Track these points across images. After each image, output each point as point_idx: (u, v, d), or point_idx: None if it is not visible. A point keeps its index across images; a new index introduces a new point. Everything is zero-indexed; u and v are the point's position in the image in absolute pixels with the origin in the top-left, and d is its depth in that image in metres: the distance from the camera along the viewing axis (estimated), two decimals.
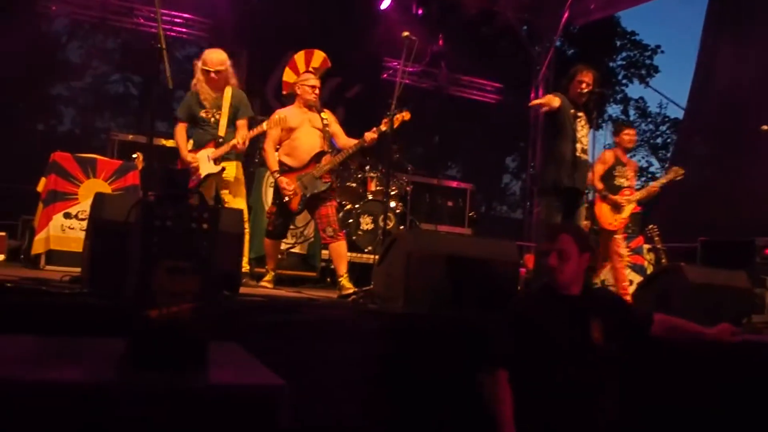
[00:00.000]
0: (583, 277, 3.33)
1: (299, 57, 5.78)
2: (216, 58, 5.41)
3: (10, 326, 2.85)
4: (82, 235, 4.71)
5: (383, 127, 5.44)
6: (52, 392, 2.07)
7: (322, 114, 5.71)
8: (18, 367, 2.22)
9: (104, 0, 9.63)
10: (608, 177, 6.83)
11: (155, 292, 2.39)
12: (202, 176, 5.36)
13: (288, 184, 5.47)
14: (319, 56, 5.79)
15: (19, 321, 2.96)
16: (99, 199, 3.66)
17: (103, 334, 2.76)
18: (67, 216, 5.42)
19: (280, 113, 5.61)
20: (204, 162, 5.36)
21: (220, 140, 5.39)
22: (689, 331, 3.52)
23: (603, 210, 6.73)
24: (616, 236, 6.73)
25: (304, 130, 5.58)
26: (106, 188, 5.54)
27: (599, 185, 6.73)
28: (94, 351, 2.59)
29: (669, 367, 3.77)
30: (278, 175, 5.51)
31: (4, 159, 8.07)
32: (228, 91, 5.49)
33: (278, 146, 5.63)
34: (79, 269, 4.22)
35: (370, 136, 5.48)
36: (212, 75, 5.37)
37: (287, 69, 5.81)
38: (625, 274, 6.72)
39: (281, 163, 5.57)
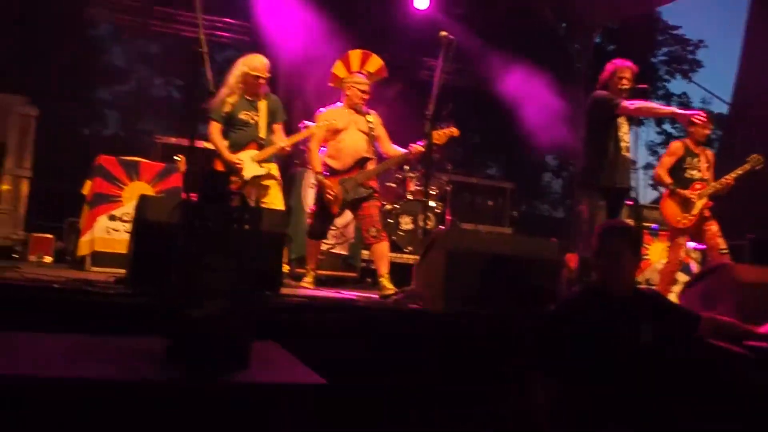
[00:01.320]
0: (633, 278, 3.28)
1: (354, 55, 5.72)
2: (265, 63, 5.42)
3: (58, 325, 2.92)
4: (126, 236, 4.79)
5: (432, 141, 5.38)
6: (94, 389, 2.10)
7: (368, 116, 5.70)
8: (62, 365, 2.27)
9: (146, 6, 9.81)
10: (678, 170, 6.31)
11: (197, 291, 2.42)
12: (248, 178, 5.37)
13: (331, 187, 5.48)
14: (376, 62, 5.73)
15: (66, 320, 3.02)
16: (143, 201, 3.73)
17: (147, 334, 2.80)
18: (112, 218, 5.53)
19: (326, 114, 5.62)
20: (249, 163, 5.38)
21: (262, 142, 5.42)
22: (739, 330, 3.45)
23: (671, 206, 6.26)
24: (679, 239, 6.29)
25: (349, 133, 5.57)
26: (150, 190, 5.62)
27: (667, 179, 6.25)
28: (138, 350, 2.62)
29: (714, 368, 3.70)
30: (321, 177, 5.53)
31: (51, 163, 8.24)
32: (264, 95, 5.54)
33: (322, 146, 5.65)
34: (123, 270, 4.29)
35: (416, 150, 5.45)
36: (260, 80, 5.39)
37: (339, 63, 5.75)
38: (675, 277, 6.43)
39: (325, 165, 5.57)
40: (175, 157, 6.21)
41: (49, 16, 8.87)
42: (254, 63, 5.41)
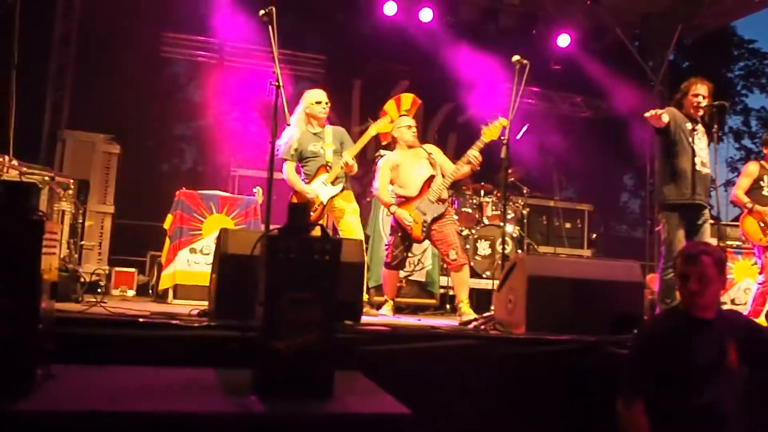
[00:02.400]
0: (717, 300, 3.22)
1: (390, 106, 5.93)
2: (323, 93, 5.65)
3: (146, 358, 2.98)
4: (207, 269, 4.88)
5: (484, 139, 5.42)
6: (180, 423, 2.14)
7: (425, 147, 5.80)
8: (151, 399, 2.32)
9: (222, 42, 10.10)
10: (755, 189, 6.34)
11: (281, 323, 2.44)
12: (324, 202, 5.48)
13: (407, 215, 5.51)
14: (407, 99, 5.91)
15: (153, 353, 3.09)
16: (224, 233, 3.80)
17: (231, 366, 2.83)
18: (192, 251, 5.65)
19: (385, 157, 5.78)
20: (321, 188, 5.49)
21: (329, 165, 5.53)
22: None
23: (751, 224, 6.27)
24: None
25: (410, 162, 5.67)
26: (229, 223, 5.74)
27: (743, 199, 6.27)
28: (223, 382, 2.66)
29: None
30: (395, 209, 5.57)
31: (133, 199, 8.52)
32: (328, 127, 5.69)
33: (389, 185, 5.72)
34: (205, 302, 4.37)
35: (472, 153, 5.46)
36: (321, 108, 5.57)
37: (381, 120, 5.90)
38: (762, 299, 6.24)
39: (397, 196, 5.64)
40: (253, 189, 6.33)
41: (128, 54, 9.21)
42: (313, 94, 5.66)
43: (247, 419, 2.17)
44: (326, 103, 5.61)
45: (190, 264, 5.63)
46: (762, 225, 6.20)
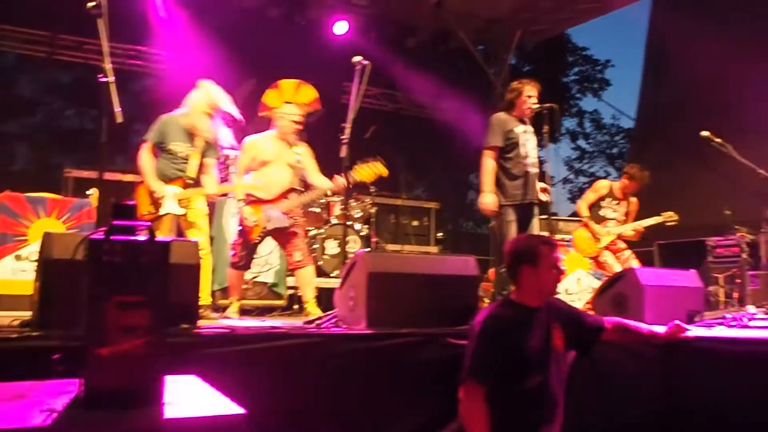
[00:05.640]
0: (547, 289, 3.43)
1: (287, 85, 5.66)
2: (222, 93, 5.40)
3: None
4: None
5: (357, 177, 5.37)
6: None
7: (297, 147, 5.61)
8: None
9: (53, 35, 9.55)
10: (595, 206, 6.92)
11: (107, 329, 2.34)
12: (161, 213, 5.21)
13: (251, 214, 5.39)
14: (310, 93, 5.67)
15: None
16: (47, 237, 3.58)
17: (55, 377, 2.69)
18: (18, 258, 5.28)
19: (252, 141, 5.53)
20: (169, 200, 5.23)
21: (189, 181, 5.29)
22: (641, 332, 3.64)
23: (581, 236, 6.88)
24: (603, 259, 6.81)
25: (276, 166, 5.47)
26: (60, 227, 5.42)
27: (583, 212, 6.83)
28: (46, 394, 2.52)
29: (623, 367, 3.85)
30: (243, 204, 5.43)
31: None
32: (203, 131, 5.37)
33: (246, 174, 5.55)
34: (30, 312, 4.11)
35: (341, 184, 5.40)
36: (212, 112, 5.32)
37: (271, 91, 5.68)
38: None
39: (248, 194, 5.45)
40: (87, 192, 6.03)
41: None
42: (216, 93, 5.36)
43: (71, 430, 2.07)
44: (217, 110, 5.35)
45: (16, 272, 5.24)
46: (590, 238, 6.80)
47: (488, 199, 5.55)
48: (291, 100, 5.69)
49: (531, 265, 3.30)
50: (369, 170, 5.44)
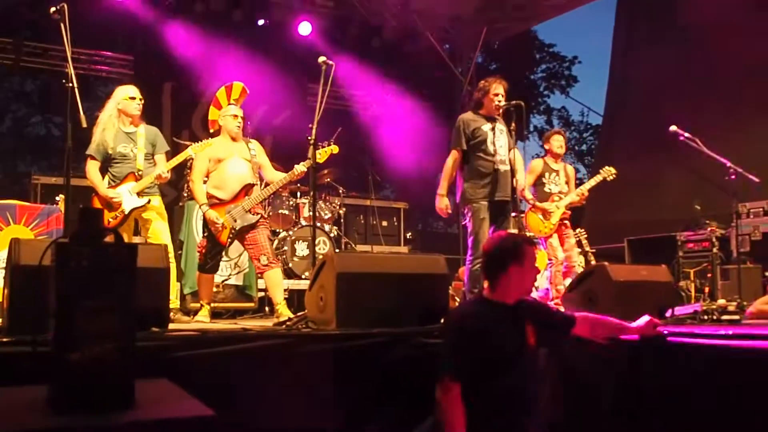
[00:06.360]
0: (522, 287, 3.46)
1: (221, 93, 5.75)
2: (136, 89, 5.49)
3: None
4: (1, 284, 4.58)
5: (311, 161, 5.44)
6: None
7: (250, 144, 5.71)
8: None
9: (17, 42, 9.47)
10: (538, 185, 6.99)
11: (75, 334, 2.36)
12: (126, 212, 5.30)
13: (216, 217, 5.42)
14: (237, 87, 5.76)
15: None
16: (15, 244, 3.57)
17: (26, 383, 2.69)
18: None
19: (206, 142, 5.60)
20: (127, 196, 5.33)
21: (139, 173, 5.37)
22: (612, 326, 3.67)
23: (533, 218, 6.90)
24: (550, 241, 6.90)
25: (232, 161, 5.55)
26: (29, 234, 5.41)
27: (527, 195, 6.82)
28: (16, 400, 2.53)
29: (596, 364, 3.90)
30: (206, 209, 5.47)
31: None
32: (142, 126, 5.53)
33: (206, 179, 5.60)
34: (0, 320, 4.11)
35: (299, 170, 5.49)
36: (135, 105, 5.40)
37: (211, 107, 5.77)
38: (561, 278, 6.82)
39: (210, 196, 5.51)
40: (56, 198, 6.01)
41: None
42: (126, 89, 5.49)
43: None
44: (140, 100, 5.45)
45: None
46: (542, 219, 6.86)
47: (440, 203, 5.75)
48: (227, 103, 5.78)
49: (518, 264, 3.32)
50: (323, 152, 5.59)
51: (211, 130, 5.89)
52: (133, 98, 5.45)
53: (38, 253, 3.11)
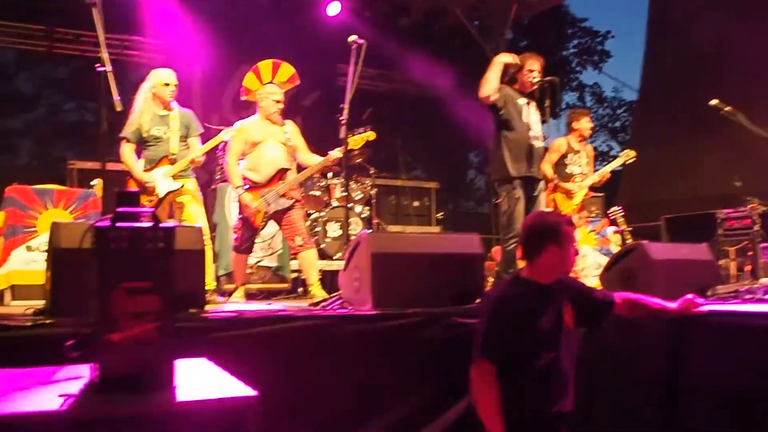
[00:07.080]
0: (561, 267, 3.39)
1: (265, 66, 5.68)
2: (172, 73, 5.50)
3: None
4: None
5: (350, 146, 5.45)
6: (18, 425, 2.05)
7: (285, 126, 5.69)
8: None
9: (49, 29, 9.56)
10: (560, 165, 6.88)
11: (116, 315, 2.38)
12: (162, 195, 5.34)
13: (251, 201, 5.44)
14: (287, 70, 5.70)
15: None
16: (55, 227, 3.63)
17: (69, 363, 2.73)
18: (29, 249, 5.34)
19: (241, 124, 5.59)
20: (161, 180, 5.35)
21: (174, 157, 5.40)
22: (652, 306, 3.58)
23: (556, 198, 6.81)
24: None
25: (267, 145, 5.55)
26: (67, 217, 5.48)
27: (549, 174, 6.72)
28: (61, 380, 2.57)
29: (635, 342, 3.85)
30: (242, 191, 5.49)
31: None
32: (176, 109, 5.53)
33: (240, 159, 5.61)
34: (43, 301, 4.18)
35: (335, 155, 5.47)
36: (170, 89, 5.41)
37: (250, 74, 5.72)
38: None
39: (244, 179, 5.54)
40: (91, 182, 6.08)
41: None
42: (161, 74, 5.47)
43: (77, 418, 2.11)
44: (175, 86, 5.46)
45: (28, 263, 5.31)
46: (565, 198, 6.76)
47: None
48: (270, 80, 5.74)
49: (556, 244, 3.25)
50: (359, 138, 5.58)
51: (243, 98, 5.86)
52: (167, 84, 5.45)
53: (78, 236, 3.16)
